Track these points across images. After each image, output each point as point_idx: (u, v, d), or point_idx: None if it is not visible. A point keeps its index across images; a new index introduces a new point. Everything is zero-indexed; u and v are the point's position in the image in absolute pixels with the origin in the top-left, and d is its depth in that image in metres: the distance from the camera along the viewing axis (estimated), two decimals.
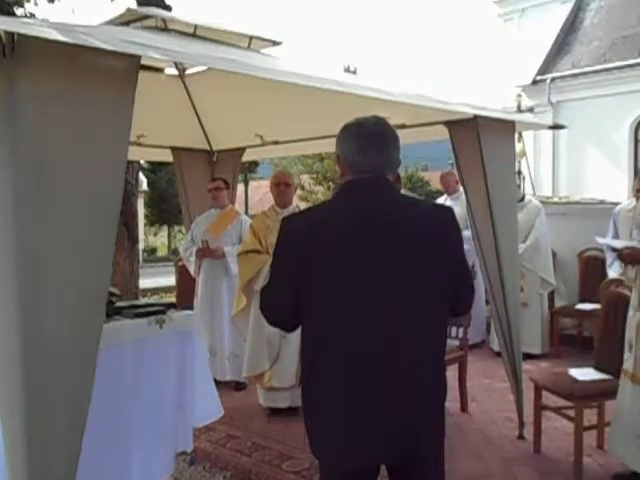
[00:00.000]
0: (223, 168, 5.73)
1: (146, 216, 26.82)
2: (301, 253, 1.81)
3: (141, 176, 21.51)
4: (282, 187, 4.57)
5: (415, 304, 1.81)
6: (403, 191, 2.22)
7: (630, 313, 3.22)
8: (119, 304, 3.25)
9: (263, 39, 3.99)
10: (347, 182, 1.94)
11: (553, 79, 12.61)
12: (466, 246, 6.55)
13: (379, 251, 1.79)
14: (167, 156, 5.72)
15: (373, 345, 1.78)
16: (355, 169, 1.92)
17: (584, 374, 3.62)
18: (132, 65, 2.02)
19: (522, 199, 5.88)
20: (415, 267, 1.82)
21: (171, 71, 4.68)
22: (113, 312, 3.07)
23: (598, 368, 3.64)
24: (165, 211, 27.06)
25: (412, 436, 1.82)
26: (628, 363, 3.18)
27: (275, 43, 4.08)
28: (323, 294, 1.81)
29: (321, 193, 26.12)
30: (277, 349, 4.37)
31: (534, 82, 12.79)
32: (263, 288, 2.09)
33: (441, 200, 6.84)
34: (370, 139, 1.94)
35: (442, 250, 1.86)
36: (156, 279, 11.93)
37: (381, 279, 1.79)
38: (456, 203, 6.43)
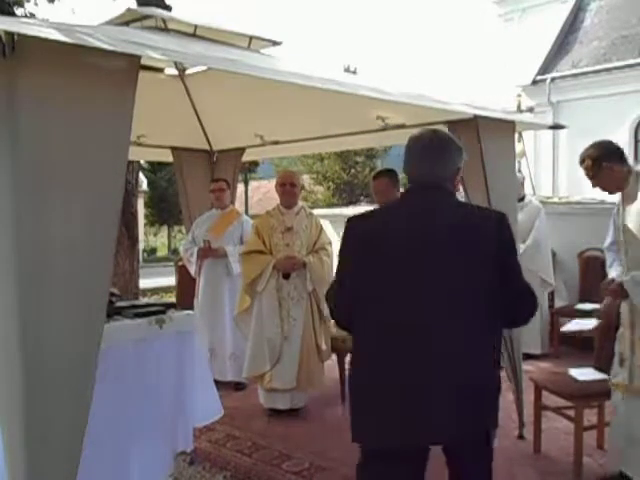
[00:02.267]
0: (223, 168, 5.73)
1: (146, 216, 26.81)
2: (361, 251, 2.05)
3: (141, 176, 21.51)
4: (288, 187, 4.52)
5: (453, 300, 1.96)
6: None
7: (621, 330, 3.13)
8: (119, 304, 3.25)
9: (263, 39, 4.00)
10: (405, 189, 2.19)
11: (553, 79, 12.62)
12: None
13: (427, 250, 1.97)
14: (167, 156, 5.71)
15: (414, 334, 1.94)
16: (411, 178, 2.14)
17: (584, 374, 3.62)
18: (132, 65, 2.02)
19: (522, 199, 5.88)
20: (459, 266, 1.97)
21: (171, 71, 4.68)
22: (113, 312, 3.07)
23: (598, 368, 3.64)
24: (165, 211, 27.06)
25: (451, 419, 1.94)
26: (621, 377, 3.07)
27: (275, 43, 4.08)
28: (375, 287, 2.01)
29: (321, 193, 26.12)
30: (278, 350, 4.33)
31: (534, 82, 12.81)
32: (328, 291, 2.26)
33: None
34: (424, 151, 2.11)
35: (486, 252, 1.98)
36: (156, 279, 11.93)
37: (426, 274, 1.97)
38: None
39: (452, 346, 1.94)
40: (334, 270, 2.28)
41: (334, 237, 4.91)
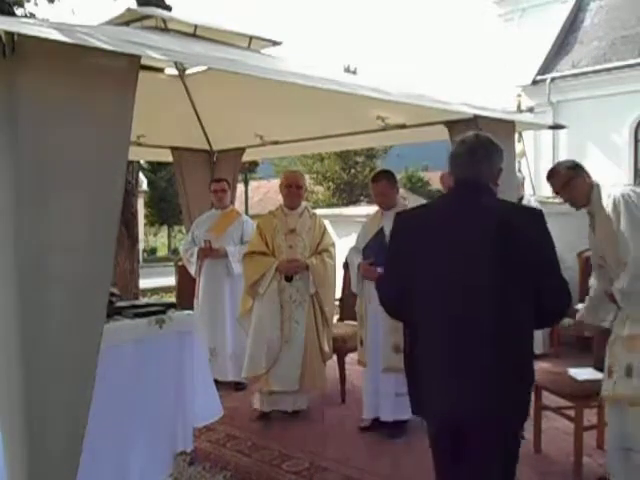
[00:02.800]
0: (223, 168, 5.73)
1: (146, 216, 26.81)
2: (412, 246, 2.24)
3: (141, 176, 21.51)
4: (293, 189, 4.44)
5: (497, 295, 2.10)
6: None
7: (612, 337, 3.06)
8: (119, 304, 3.25)
9: (263, 39, 4.00)
10: (453, 188, 2.36)
11: (553, 79, 12.62)
12: None
13: (475, 246, 2.13)
14: (167, 156, 5.71)
15: (463, 324, 2.10)
16: (459, 178, 2.32)
17: (584, 374, 3.62)
18: (132, 65, 2.02)
19: (520, 199, 5.88)
20: (503, 262, 2.10)
21: (171, 71, 4.68)
22: (113, 312, 3.07)
23: (598, 368, 3.63)
24: (165, 211, 27.06)
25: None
26: (609, 390, 2.99)
27: (275, 43, 4.08)
28: (424, 277, 2.19)
29: (321, 193, 26.13)
30: (277, 353, 4.25)
31: (534, 82, 12.80)
32: (379, 283, 2.49)
33: None
34: (470, 153, 2.29)
35: (527, 249, 2.13)
36: (156, 279, 11.92)
37: (474, 270, 2.12)
38: None
39: (497, 340, 2.09)
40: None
41: (334, 237, 4.90)
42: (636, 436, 2.88)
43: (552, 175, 3.18)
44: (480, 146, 2.29)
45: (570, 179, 3.10)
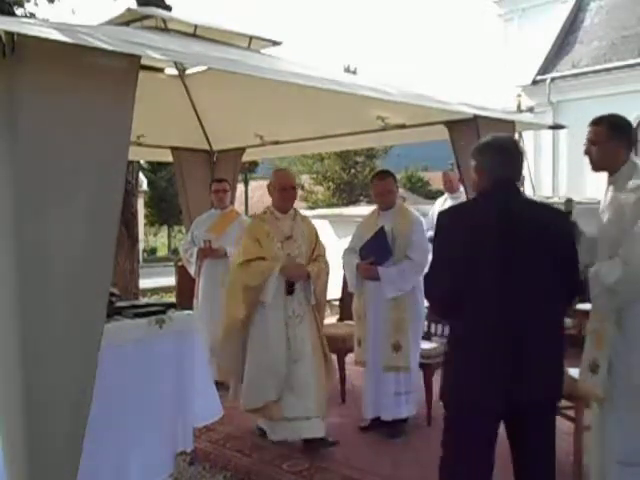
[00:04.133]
0: (223, 168, 5.73)
1: (146, 216, 26.80)
2: (458, 245, 2.30)
3: (141, 176, 21.51)
4: (290, 191, 3.98)
5: (538, 291, 2.30)
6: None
7: (590, 326, 2.95)
8: (119, 304, 3.25)
9: (263, 39, 4.00)
10: (489, 187, 2.39)
11: (553, 79, 12.62)
12: None
13: (517, 245, 2.28)
14: (167, 156, 5.71)
15: (509, 324, 2.27)
16: (493, 178, 2.37)
17: None
18: (132, 65, 2.02)
19: None
20: (540, 258, 2.31)
21: (171, 71, 4.68)
22: (113, 312, 3.07)
23: None
24: (165, 211, 27.05)
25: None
26: (596, 387, 2.79)
27: (275, 43, 4.08)
28: (480, 275, 2.28)
29: (321, 193, 26.13)
30: (285, 375, 3.74)
31: (534, 82, 12.80)
32: (426, 275, 2.50)
33: (441, 200, 6.83)
34: (506, 155, 2.41)
35: (557, 246, 2.35)
36: (156, 279, 11.92)
37: (516, 268, 2.26)
38: (457, 202, 6.41)
39: (539, 331, 2.31)
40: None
41: (334, 237, 4.90)
42: None
43: (597, 123, 2.89)
44: (516, 149, 2.47)
45: (611, 137, 2.80)
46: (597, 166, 2.90)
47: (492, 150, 2.43)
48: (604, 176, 3.02)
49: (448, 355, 2.47)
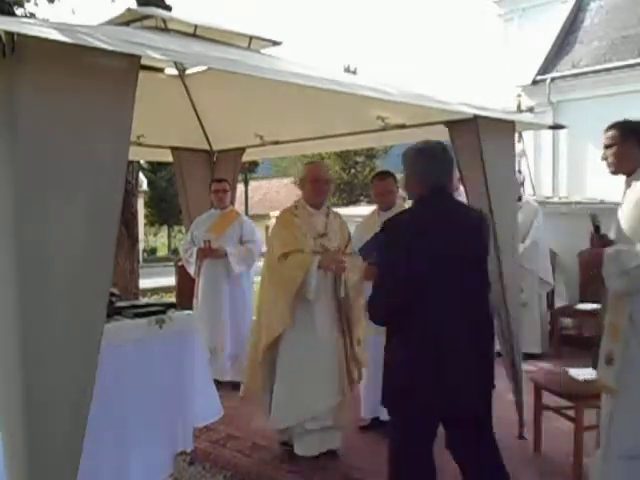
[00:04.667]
0: (223, 168, 5.73)
1: (146, 216, 26.80)
2: (410, 252, 2.37)
3: (141, 176, 21.51)
4: (322, 184, 3.70)
5: (477, 293, 2.48)
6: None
7: (607, 318, 2.85)
8: (119, 304, 3.25)
9: (263, 39, 3.99)
10: (425, 194, 2.49)
11: (553, 79, 12.60)
12: None
13: (460, 248, 2.41)
14: (167, 156, 5.71)
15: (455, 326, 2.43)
16: (427, 184, 2.47)
17: (584, 374, 3.62)
18: (132, 65, 2.02)
19: (519, 199, 5.89)
20: (482, 259, 2.52)
21: (171, 71, 4.68)
22: (113, 312, 3.07)
23: None
24: (165, 211, 27.04)
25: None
26: (610, 379, 2.77)
27: (275, 43, 4.08)
28: (434, 280, 2.38)
29: None
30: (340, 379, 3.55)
31: (534, 82, 12.78)
32: (380, 291, 2.55)
33: None
34: (437, 161, 2.50)
35: (484, 246, 2.56)
36: (156, 279, 11.92)
37: (460, 271, 2.40)
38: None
39: (477, 329, 2.45)
40: None
41: None
42: None
43: (611, 128, 2.93)
44: (447, 154, 2.56)
45: (625, 139, 2.85)
46: (615, 169, 2.95)
47: (423, 157, 2.52)
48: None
49: (394, 359, 2.49)
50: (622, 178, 2.95)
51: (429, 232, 2.41)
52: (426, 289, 2.36)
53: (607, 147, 2.93)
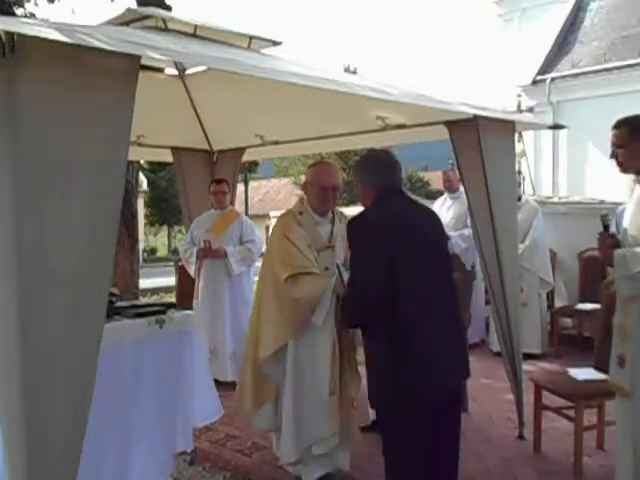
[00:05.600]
0: (223, 168, 5.73)
1: (146, 216, 26.81)
2: (391, 245, 2.39)
3: (141, 176, 21.49)
4: (331, 192, 3.32)
5: (449, 286, 2.56)
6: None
7: (616, 320, 2.85)
8: (119, 304, 3.26)
9: (263, 39, 3.99)
10: (381, 197, 2.55)
11: (553, 79, 12.60)
12: (465, 245, 6.58)
13: (431, 240, 2.55)
14: (167, 156, 5.71)
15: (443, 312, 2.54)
16: (377, 189, 2.56)
17: (584, 374, 3.62)
18: (132, 65, 2.02)
19: (519, 199, 5.89)
20: (444, 249, 2.68)
21: (171, 71, 4.68)
22: (113, 312, 3.07)
23: (598, 368, 3.63)
24: (165, 211, 27.06)
25: None
26: (623, 379, 2.78)
27: (275, 43, 4.08)
28: (411, 274, 2.41)
29: None
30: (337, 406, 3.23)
31: (534, 82, 12.78)
32: (361, 285, 2.47)
33: (441, 199, 6.84)
34: (391, 164, 2.63)
35: (443, 229, 2.77)
36: (156, 279, 11.93)
37: (438, 260, 2.54)
38: (457, 202, 6.43)
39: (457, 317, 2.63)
40: None
41: None
42: None
43: (618, 126, 2.86)
44: (393, 158, 2.65)
45: (632, 140, 2.79)
46: (624, 168, 2.92)
47: (371, 165, 2.63)
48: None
49: (385, 358, 2.40)
50: (622, 178, 2.95)
51: (399, 220, 2.46)
52: (407, 277, 2.35)
53: (616, 146, 2.86)
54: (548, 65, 13.03)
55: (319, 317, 3.11)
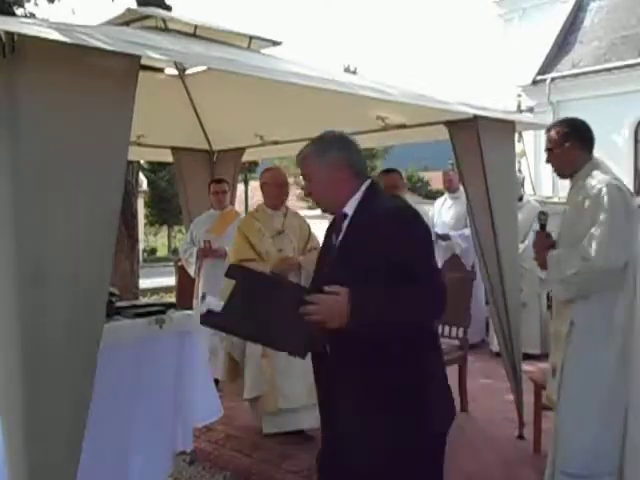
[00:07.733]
0: (223, 168, 5.73)
1: (146, 216, 26.79)
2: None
3: (141, 176, 21.48)
4: (283, 188, 4.18)
5: None
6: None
7: (552, 327, 2.85)
8: (119, 304, 3.25)
9: (263, 39, 3.99)
10: (373, 183, 2.14)
11: (553, 79, 12.62)
12: (466, 245, 6.54)
13: None
14: (167, 156, 5.71)
15: None
16: (363, 173, 2.14)
17: None
18: (132, 65, 2.02)
19: (520, 199, 5.88)
20: None
21: (171, 71, 4.68)
22: (113, 312, 3.07)
23: None
24: (165, 211, 27.04)
25: None
26: (553, 389, 2.80)
27: (275, 43, 4.08)
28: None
29: None
30: (284, 366, 3.73)
31: (534, 82, 12.80)
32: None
33: (441, 200, 6.84)
34: (355, 146, 2.19)
35: None
36: (156, 279, 11.92)
37: None
38: (457, 202, 6.43)
39: None
40: None
41: None
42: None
43: (549, 129, 2.89)
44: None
45: (564, 141, 2.76)
46: (559, 172, 2.89)
47: (344, 141, 2.19)
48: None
49: (418, 388, 1.91)
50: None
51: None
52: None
53: (548, 149, 2.86)
54: (548, 65, 13.05)
55: None
